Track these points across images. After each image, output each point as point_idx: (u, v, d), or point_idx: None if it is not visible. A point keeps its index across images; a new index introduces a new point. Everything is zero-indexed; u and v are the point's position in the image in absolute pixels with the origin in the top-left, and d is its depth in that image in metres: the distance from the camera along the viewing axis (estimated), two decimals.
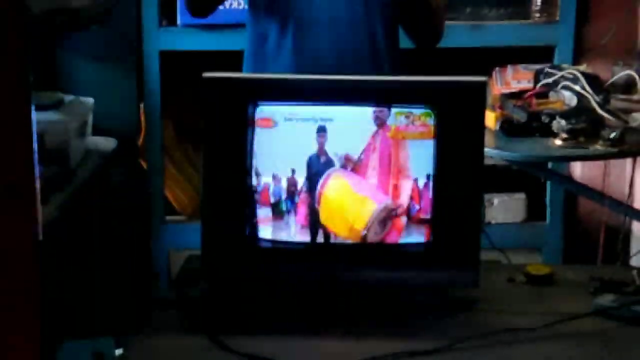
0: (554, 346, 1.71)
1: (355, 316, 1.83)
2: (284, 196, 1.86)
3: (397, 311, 1.84)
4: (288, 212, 1.86)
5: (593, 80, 2.94)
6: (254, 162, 1.85)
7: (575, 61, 3.50)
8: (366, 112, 1.83)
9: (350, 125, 1.84)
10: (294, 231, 1.87)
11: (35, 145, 1.41)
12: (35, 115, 1.43)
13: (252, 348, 1.68)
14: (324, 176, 1.85)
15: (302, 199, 1.86)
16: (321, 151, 1.84)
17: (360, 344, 1.71)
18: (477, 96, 1.82)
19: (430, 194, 1.83)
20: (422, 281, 1.86)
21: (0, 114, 1.36)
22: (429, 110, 1.82)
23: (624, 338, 1.75)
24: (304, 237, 1.87)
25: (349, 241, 1.87)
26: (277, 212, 1.87)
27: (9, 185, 1.38)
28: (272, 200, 1.86)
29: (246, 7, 2.55)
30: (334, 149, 1.84)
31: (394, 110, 1.83)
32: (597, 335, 1.75)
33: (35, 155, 1.41)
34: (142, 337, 1.77)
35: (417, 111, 1.83)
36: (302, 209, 1.86)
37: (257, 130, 1.85)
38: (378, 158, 1.83)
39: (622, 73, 3.20)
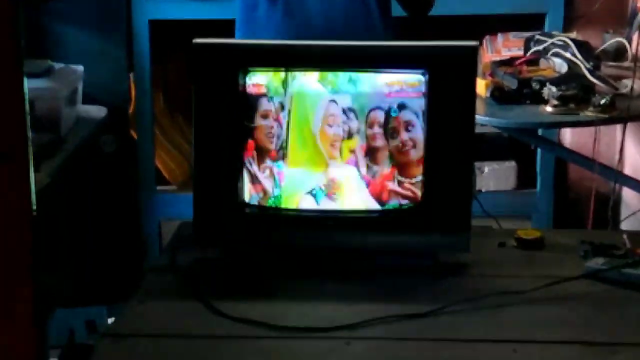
0: (545, 308, 1.72)
1: (347, 280, 1.83)
2: (275, 169, 1.86)
3: (388, 275, 1.85)
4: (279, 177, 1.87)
5: (583, 47, 2.94)
6: (245, 129, 1.85)
7: (566, 28, 3.50)
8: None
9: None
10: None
11: (27, 112, 1.41)
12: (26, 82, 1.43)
13: (245, 312, 1.69)
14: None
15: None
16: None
17: (352, 307, 1.72)
18: (468, 60, 1.82)
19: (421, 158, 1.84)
20: (414, 245, 1.86)
21: None
22: (419, 75, 1.82)
23: (614, 300, 1.76)
24: (295, 203, 1.88)
25: (339, 206, 1.87)
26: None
27: (2, 151, 1.38)
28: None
29: None
30: None
31: (385, 75, 1.83)
32: (587, 297, 1.76)
33: (28, 121, 1.41)
34: (134, 303, 1.77)
35: (408, 76, 1.83)
36: None
37: (248, 97, 1.85)
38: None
39: (613, 40, 3.21)
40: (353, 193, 1.86)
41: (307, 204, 1.88)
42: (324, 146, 1.85)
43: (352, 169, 1.85)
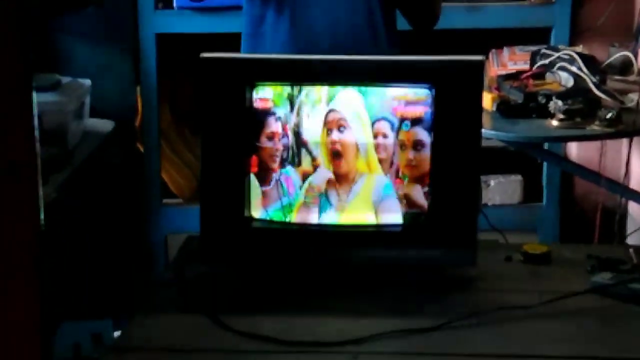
0: (551, 323, 1.72)
1: (354, 295, 1.83)
2: (282, 177, 1.87)
3: (395, 290, 1.85)
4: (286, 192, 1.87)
5: (589, 61, 2.94)
6: (252, 143, 1.86)
7: (572, 42, 3.50)
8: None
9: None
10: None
11: (36, 125, 1.42)
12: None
13: (252, 326, 1.69)
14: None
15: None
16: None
17: (359, 321, 1.72)
18: (475, 75, 1.82)
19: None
20: (420, 259, 1.86)
21: (2, 94, 1.36)
22: (426, 89, 1.82)
23: (620, 315, 1.76)
24: (301, 218, 1.88)
25: (346, 222, 1.87)
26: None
27: (10, 165, 1.39)
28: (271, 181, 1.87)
29: None
30: None
31: (391, 89, 1.84)
32: (594, 312, 1.76)
33: (37, 135, 1.42)
34: (141, 317, 1.77)
35: (415, 90, 1.83)
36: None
37: (255, 111, 1.86)
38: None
39: (618, 54, 3.21)
40: (364, 205, 1.86)
41: (313, 218, 1.88)
42: (327, 158, 1.85)
43: (364, 180, 1.86)
